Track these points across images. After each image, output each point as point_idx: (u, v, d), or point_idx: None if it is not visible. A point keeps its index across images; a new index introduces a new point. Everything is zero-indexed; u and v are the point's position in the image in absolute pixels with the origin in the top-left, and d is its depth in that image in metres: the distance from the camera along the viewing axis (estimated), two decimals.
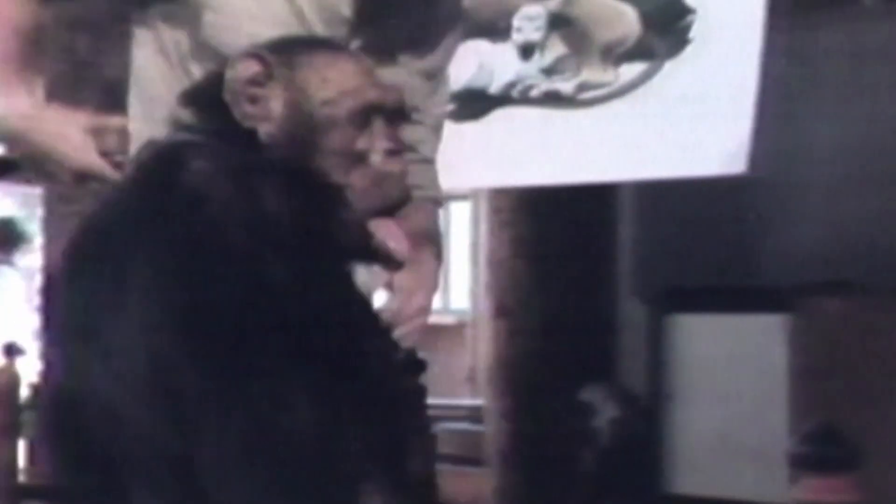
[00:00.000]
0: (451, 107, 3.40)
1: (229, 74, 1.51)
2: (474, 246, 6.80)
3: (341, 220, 1.50)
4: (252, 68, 1.50)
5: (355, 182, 1.49)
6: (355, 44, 1.86)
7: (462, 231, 7.13)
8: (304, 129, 1.49)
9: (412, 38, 1.91)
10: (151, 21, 1.87)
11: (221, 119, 1.49)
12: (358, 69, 1.54)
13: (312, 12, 1.83)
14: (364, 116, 1.51)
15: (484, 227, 5.39)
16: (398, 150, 1.54)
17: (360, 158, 1.49)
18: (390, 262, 1.56)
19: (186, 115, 1.54)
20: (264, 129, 1.48)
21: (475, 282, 6.82)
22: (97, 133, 1.65)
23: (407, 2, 1.88)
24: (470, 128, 3.77)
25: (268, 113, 1.49)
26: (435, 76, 2.01)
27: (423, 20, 1.93)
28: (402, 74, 1.91)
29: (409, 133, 2.01)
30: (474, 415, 5.90)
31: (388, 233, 1.55)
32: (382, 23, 1.86)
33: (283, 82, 1.50)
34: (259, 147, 1.47)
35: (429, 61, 1.95)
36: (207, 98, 1.52)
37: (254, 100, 1.49)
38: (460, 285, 7.36)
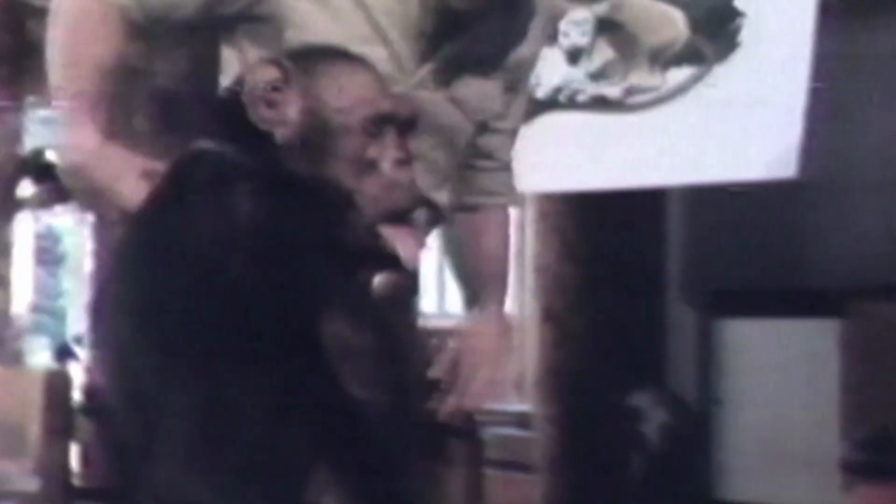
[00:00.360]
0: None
1: (249, 79, 1.57)
2: (521, 251, 6.79)
3: (351, 223, 1.56)
4: (271, 74, 1.56)
5: (365, 188, 1.56)
6: (436, 57, 1.87)
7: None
8: (319, 134, 1.56)
9: (491, 50, 1.94)
10: (238, 42, 1.90)
11: (240, 123, 1.55)
12: (372, 80, 1.61)
13: (391, 27, 1.86)
14: (376, 126, 1.57)
15: (530, 232, 5.38)
16: (408, 159, 1.59)
17: (370, 166, 1.56)
18: (400, 268, 1.59)
19: (212, 121, 1.61)
20: (280, 133, 1.55)
21: (522, 287, 6.80)
22: (151, 177, 1.68)
23: (485, 14, 1.89)
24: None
25: (284, 117, 1.55)
26: (515, 86, 2.02)
27: (502, 31, 1.94)
28: (482, 85, 1.93)
29: (488, 140, 2.04)
30: (522, 420, 5.89)
31: (400, 239, 1.59)
32: (462, 36, 1.88)
33: (301, 89, 1.56)
34: (275, 150, 1.54)
35: (508, 72, 1.97)
36: (228, 104, 1.58)
37: (271, 104, 1.55)
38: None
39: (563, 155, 3.77)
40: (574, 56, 3.80)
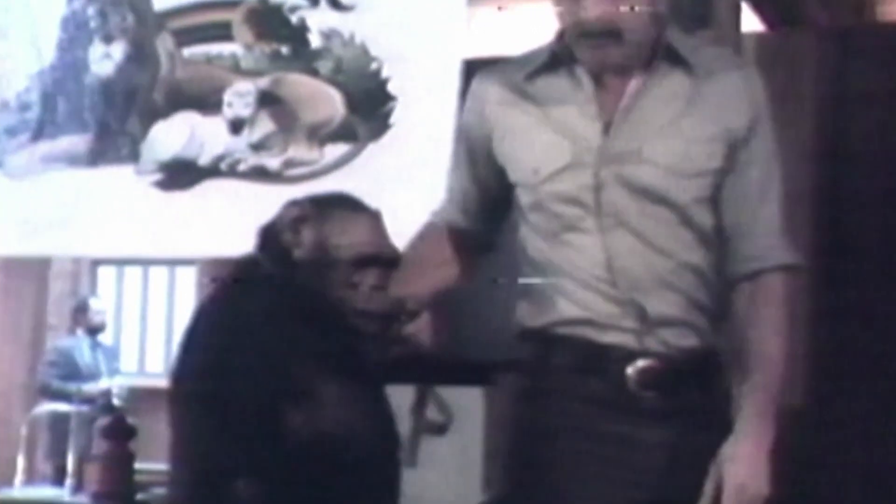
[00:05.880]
0: (159, 176, 3.45)
1: (280, 214, 2.23)
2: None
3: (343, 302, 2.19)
4: (295, 213, 2.21)
5: (351, 300, 2.18)
6: None
7: (187, 297, 7.14)
8: (322, 259, 2.18)
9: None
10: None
11: (274, 242, 2.22)
12: (369, 227, 2.23)
13: None
14: (362, 262, 2.19)
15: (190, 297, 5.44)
16: (382, 286, 2.18)
17: (353, 286, 2.19)
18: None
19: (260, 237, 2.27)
20: (297, 253, 2.19)
21: None
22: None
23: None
24: (179, 197, 3.85)
25: (300, 243, 2.19)
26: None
27: None
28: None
29: None
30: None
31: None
32: None
33: (314, 225, 2.20)
34: (293, 264, 2.18)
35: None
36: (268, 228, 2.25)
37: (293, 233, 2.19)
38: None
39: (224, 221, 3.88)
40: (236, 126, 3.93)
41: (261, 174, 3.71)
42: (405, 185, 3.65)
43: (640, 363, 2.12)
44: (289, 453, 2.07)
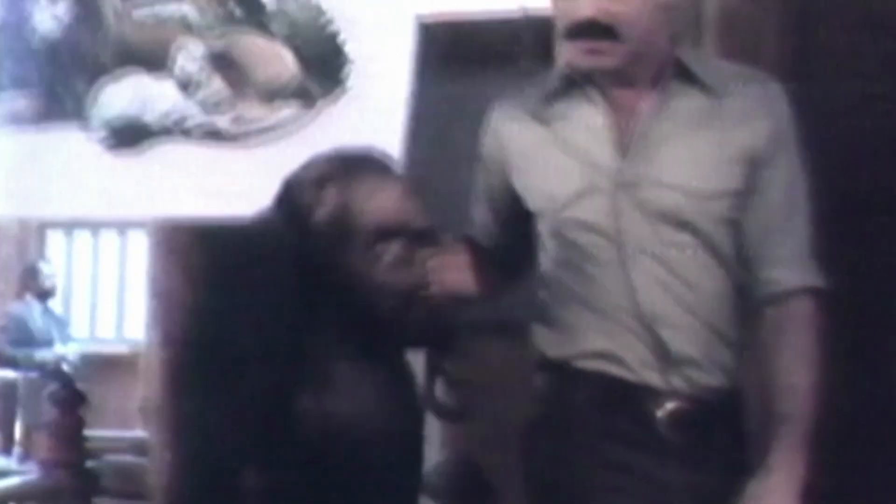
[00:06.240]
0: (106, 136, 3.37)
1: (302, 171, 2.04)
2: (150, 275, 6.74)
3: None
4: (319, 170, 2.03)
5: (371, 273, 1.99)
6: None
7: (139, 260, 7.05)
8: (343, 224, 1.98)
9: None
10: None
11: (291, 200, 2.02)
12: (398, 193, 2.02)
13: None
14: (386, 232, 1.99)
15: (151, 258, 5.37)
16: (404, 261, 2.00)
17: (375, 258, 1.99)
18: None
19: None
20: (317, 215, 1.98)
21: (149, 312, 6.74)
22: None
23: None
24: (126, 157, 3.78)
25: (322, 202, 1.98)
26: None
27: None
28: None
29: None
30: (138, 447, 5.83)
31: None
32: None
33: (339, 185, 2.00)
34: (311, 227, 1.97)
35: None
36: (288, 187, 2.05)
37: (315, 192, 1.99)
38: (135, 315, 7.26)
39: (172, 182, 3.81)
40: (186, 86, 3.85)
41: (211, 135, 3.65)
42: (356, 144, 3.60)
43: (670, 405, 2.07)
44: (299, 437, 1.91)
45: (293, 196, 2.02)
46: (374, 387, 2.00)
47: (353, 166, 2.03)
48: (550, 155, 2.12)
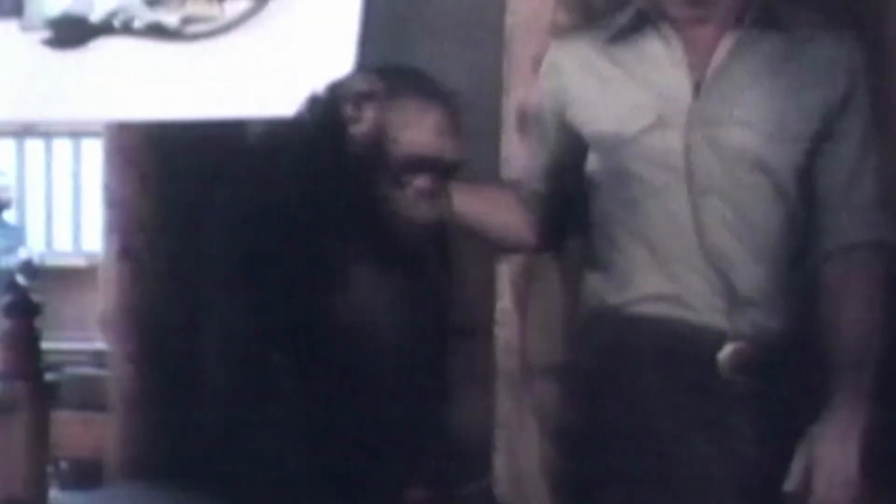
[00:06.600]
0: (47, 33, 3.22)
1: (348, 81, 2.15)
2: (106, 185, 6.60)
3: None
4: (362, 87, 2.11)
5: (394, 199, 2.05)
6: None
7: (94, 169, 6.91)
8: (376, 145, 2.06)
9: None
10: None
11: (331, 111, 2.10)
12: (436, 123, 2.07)
13: None
14: (415, 163, 2.05)
15: (106, 165, 5.24)
16: (430, 194, 2.03)
17: (401, 185, 2.06)
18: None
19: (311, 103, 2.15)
20: (354, 129, 2.08)
21: (106, 223, 6.62)
22: None
23: None
24: (69, 56, 3.64)
25: (360, 119, 2.08)
26: None
27: None
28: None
29: None
30: (99, 360, 5.76)
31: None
32: None
33: (379, 105, 2.08)
34: (347, 138, 2.06)
35: None
36: (328, 97, 2.13)
37: (355, 106, 2.08)
38: (92, 226, 7.14)
39: (119, 82, 3.68)
40: None
41: (157, 32, 3.51)
42: (310, 43, 3.48)
43: (731, 347, 2.07)
44: (322, 333, 1.98)
45: (332, 106, 2.11)
46: (396, 295, 2.05)
47: (395, 88, 2.10)
48: (621, 89, 2.13)
